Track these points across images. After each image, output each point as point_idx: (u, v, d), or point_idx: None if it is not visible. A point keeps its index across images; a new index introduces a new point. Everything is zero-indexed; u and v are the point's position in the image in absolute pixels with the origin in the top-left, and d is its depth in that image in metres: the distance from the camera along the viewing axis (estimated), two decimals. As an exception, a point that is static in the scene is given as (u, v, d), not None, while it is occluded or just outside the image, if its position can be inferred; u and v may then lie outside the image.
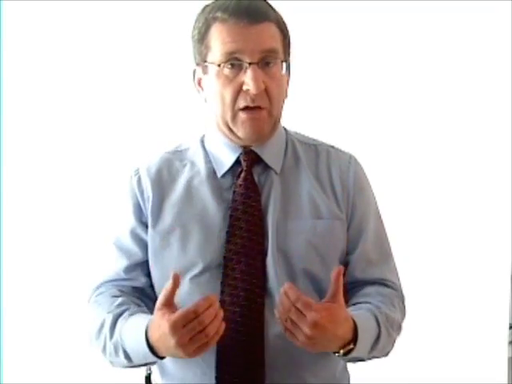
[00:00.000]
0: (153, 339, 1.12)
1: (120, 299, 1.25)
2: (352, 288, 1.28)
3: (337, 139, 1.43)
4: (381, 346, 1.21)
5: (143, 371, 1.39)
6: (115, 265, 1.30)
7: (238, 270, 1.21)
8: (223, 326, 1.08)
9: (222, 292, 1.20)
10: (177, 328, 1.05)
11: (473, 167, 2.31)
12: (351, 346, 1.13)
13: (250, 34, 1.17)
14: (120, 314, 1.22)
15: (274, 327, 1.20)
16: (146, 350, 1.13)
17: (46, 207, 2.28)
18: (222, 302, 1.19)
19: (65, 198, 2.28)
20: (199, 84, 1.29)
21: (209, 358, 1.20)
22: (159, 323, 1.08)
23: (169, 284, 1.10)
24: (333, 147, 1.37)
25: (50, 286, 2.27)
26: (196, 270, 1.22)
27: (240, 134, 1.24)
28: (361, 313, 1.18)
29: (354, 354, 1.15)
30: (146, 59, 2.25)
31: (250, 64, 1.17)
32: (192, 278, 1.22)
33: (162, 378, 1.29)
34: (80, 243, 2.23)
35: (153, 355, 1.14)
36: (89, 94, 2.27)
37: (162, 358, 1.16)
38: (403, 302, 1.32)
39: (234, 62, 1.18)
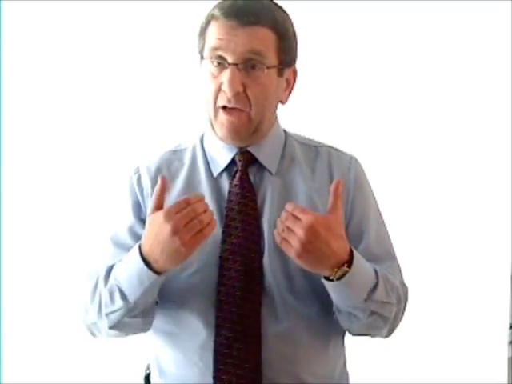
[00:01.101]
0: (146, 246, 1.12)
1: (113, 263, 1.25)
2: None
3: (337, 140, 1.43)
4: (378, 298, 1.18)
5: (142, 371, 1.40)
6: (112, 260, 1.29)
7: (235, 270, 1.21)
8: (215, 221, 1.11)
9: (219, 292, 1.20)
10: (171, 214, 1.08)
11: (473, 167, 2.31)
12: (346, 268, 1.12)
13: (235, 35, 1.17)
14: (113, 266, 1.22)
15: (271, 327, 1.21)
16: (141, 264, 1.12)
17: (46, 207, 2.29)
18: (219, 302, 1.20)
19: (65, 198, 2.29)
20: None
21: (206, 357, 1.21)
22: (153, 220, 1.11)
23: (158, 187, 1.14)
24: (334, 148, 1.37)
25: (50, 286, 2.27)
26: (192, 270, 1.22)
27: (219, 134, 1.25)
28: (360, 256, 1.18)
29: (348, 288, 1.14)
30: (146, 59, 2.26)
31: (229, 64, 1.18)
32: (188, 277, 1.22)
33: (161, 378, 1.29)
34: (80, 242, 2.23)
35: (147, 269, 1.12)
36: (89, 94, 2.27)
37: (159, 273, 1.13)
38: (406, 293, 1.30)
39: (218, 60, 1.19)
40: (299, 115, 1.70)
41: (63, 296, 2.19)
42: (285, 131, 1.37)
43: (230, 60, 1.18)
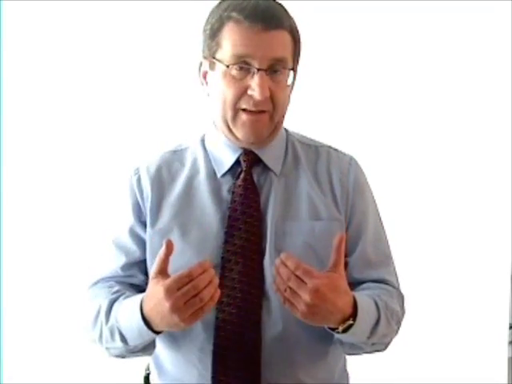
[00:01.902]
0: (147, 309, 1.12)
1: (116, 287, 1.26)
2: (351, 288, 1.27)
3: (337, 141, 1.42)
4: (380, 332, 1.20)
5: (142, 371, 1.40)
6: (113, 262, 1.30)
7: (236, 271, 1.21)
8: (219, 292, 1.08)
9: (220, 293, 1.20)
10: (171, 291, 1.06)
11: (473, 167, 2.31)
12: (351, 322, 1.12)
13: (262, 40, 1.16)
14: (116, 299, 1.23)
15: (270, 329, 1.20)
16: (141, 323, 1.13)
17: (46, 207, 2.29)
18: (219, 303, 1.19)
19: (65, 198, 2.28)
20: (204, 77, 1.27)
21: (205, 359, 1.21)
22: (154, 290, 1.09)
23: (162, 251, 1.10)
24: (334, 149, 1.37)
25: (50, 286, 2.27)
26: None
27: (239, 135, 1.23)
28: (361, 296, 1.18)
29: (353, 336, 1.15)
30: (146, 59, 2.25)
31: (258, 70, 1.17)
32: None
33: (160, 379, 1.30)
34: (80, 242, 2.23)
35: (147, 329, 1.13)
36: (89, 94, 2.27)
37: (157, 332, 1.15)
38: (403, 302, 1.32)
39: (242, 65, 1.17)
40: (298, 114, 1.69)
41: (63, 296, 2.19)
42: (285, 130, 1.37)
43: (257, 65, 1.16)
